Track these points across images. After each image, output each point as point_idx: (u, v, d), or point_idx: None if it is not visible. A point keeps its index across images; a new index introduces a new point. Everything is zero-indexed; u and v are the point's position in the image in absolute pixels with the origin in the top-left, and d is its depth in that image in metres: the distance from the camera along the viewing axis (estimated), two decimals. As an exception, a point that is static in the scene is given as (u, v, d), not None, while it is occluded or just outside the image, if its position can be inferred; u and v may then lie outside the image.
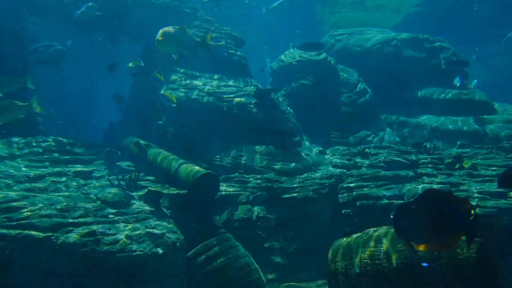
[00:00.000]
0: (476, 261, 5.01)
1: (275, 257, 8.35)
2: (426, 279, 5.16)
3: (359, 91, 13.73)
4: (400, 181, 8.86)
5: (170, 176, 8.53)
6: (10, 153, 9.24)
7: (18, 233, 5.93)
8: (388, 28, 18.66)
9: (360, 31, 16.29)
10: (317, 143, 12.18)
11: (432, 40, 14.65)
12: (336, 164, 10.41)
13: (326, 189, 9.09)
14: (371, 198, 8.40)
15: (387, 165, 9.69)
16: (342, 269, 5.84)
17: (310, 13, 22.50)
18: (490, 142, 11.24)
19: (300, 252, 8.48)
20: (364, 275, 5.57)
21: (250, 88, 11.66)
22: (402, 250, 5.37)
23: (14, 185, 7.78)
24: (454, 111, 12.66)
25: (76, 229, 6.23)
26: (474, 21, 20.60)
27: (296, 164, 10.06)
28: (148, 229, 6.64)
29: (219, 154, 10.16)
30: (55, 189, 8.05)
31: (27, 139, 9.86)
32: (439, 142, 11.86)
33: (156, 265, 6.32)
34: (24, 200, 6.75)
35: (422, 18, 21.46)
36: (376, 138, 12.68)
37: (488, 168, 9.30)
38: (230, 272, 7.10)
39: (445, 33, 17.34)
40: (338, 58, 14.81)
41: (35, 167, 8.84)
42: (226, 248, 7.36)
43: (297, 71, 13.63)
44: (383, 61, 14.56)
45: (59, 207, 6.67)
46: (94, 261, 5.96)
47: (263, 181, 9.15)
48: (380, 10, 21.46)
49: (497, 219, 7.21)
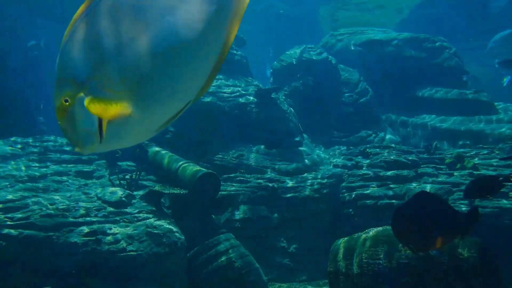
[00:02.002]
0: (477, 261, 5.01)
1: (276, 256, 8.35)
2: (426, 279, 5.16)
3: (360, 90, 13.74)
4: (401, 181, 8.86)
5: (171, 176, 8.53)
6: (11, 153, 9.25)
7: (19, 232, 5.94)
8: (389, 27, 18.64)
9: (361, 30, 16.28)
10: (318, 142, 12.18)
11: (433, 40, 14.63)
12: (337, 164, 10.41)
13: (327, 189, 9.09)
14: (372, 197, 8.40)
15: (388, 165, 9.68)
16: (343, 268, 5.84)
17: (313, 13, 22.53)
18: (491, 142, 11.22)
19: (301, 251, 8.49)
20: (365, 274, 5.57)
21: (251, 88, 11.66)
22: (403, 250, 5.36)
23: (15, 185, 7.79)
24: (456, 111, 12.64)
25: (77, 228, 6.24)
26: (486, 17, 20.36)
27: (297, 164, 10.06)
28: (149, 228, 6.65)
29: (220, 153, 10.17)
30: (56, 188, 8.06)
31: (28, 139, 9.88)
32: (440, 142, 11.86)
33: (157, 265, 6.33)
34: (25, 199, 6.76)
35: (423, 17, 21.42)
36: (377, 138, 12.69)
37: (489, 168, 9.28)
38: (231, 272, 7.11)
39: (445, 32, 17.29)
40: (339, 57, 14.80)
41: (36, 167, 8.85)
42: (227, 248, 7.37)
43: (298, 70, 13.63)
44: (384, 61, 14.55)
45: (60, 206, 6.68)
46: (95, 260, 5.98)
47: (264, 181, 9.16)
48: (381, 9, 21.44)
49: (498, 219, 7.21)
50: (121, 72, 1.53)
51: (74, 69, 1.56)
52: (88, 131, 1.62)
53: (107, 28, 1.52)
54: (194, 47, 1.55)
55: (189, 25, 1.54)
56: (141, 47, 1.51)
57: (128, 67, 1.53)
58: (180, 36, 1.53)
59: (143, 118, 1.61)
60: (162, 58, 1.54)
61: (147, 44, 1.52)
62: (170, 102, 1.62)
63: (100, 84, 1.55)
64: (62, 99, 1.61)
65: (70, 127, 1.65)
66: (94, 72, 1.55)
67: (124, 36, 1.52)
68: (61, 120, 1.66)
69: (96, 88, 1.56)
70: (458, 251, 5.09)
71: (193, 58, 1.56)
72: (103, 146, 1.69)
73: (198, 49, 1.56)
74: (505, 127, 11.54)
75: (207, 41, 1.56)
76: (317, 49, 14.27)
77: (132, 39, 1.52)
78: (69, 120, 1.63)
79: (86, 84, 1.57)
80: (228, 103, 10.87)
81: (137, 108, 1.57)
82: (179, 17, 1.53)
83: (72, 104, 1.60)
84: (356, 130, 12.87)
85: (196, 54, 1.57)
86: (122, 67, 1.53)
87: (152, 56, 1.53)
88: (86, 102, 1.57)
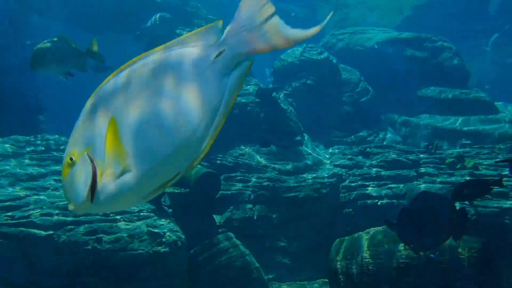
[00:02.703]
0: (478, 261, 5.01)
1: (276, 256, 8.36)
2: (427, 278, 5.17)
3: (360, 90, 13.74)
4: (402, 181, 8.86)
5: (172, 175, 8.53)
6: (12, 151, 9.25)
7: (20, 231, 5.95)
8: (389, 27, 18.62)
9: (362, 30, 16.27)
10: (319, 142, 12.18)
11: (434, 40, 14.62)
12: (338, 164, 10.41)
13: (327, 189, 9.10)
14: (372, 197, 8.41)
15: (389, 165, 9.69)
16: (343, 268, 5.84)
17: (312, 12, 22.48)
18: (492, 142, 11.22)
19: (301, 251, 8.49)
20: (365, 274, 5.58)
21: (252, 88, 11.66)
22: (403, 250, 5.37)
23: (16, 184, 7.80)
24: (456, 110, 12.64)
25: (78, 227, 6.25)
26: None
27: (297, 163, 10.07)
28: (149, 227, 6.66)
29: (220, 153, 10.17)
30: (57, 187, 8.07)
31: (29, 138, 9.87)
32: (441, 142, 11.85)
33: (157, 264, 6.34)
34: (25, 198, 6.77)
35: (424, 15, 21.39)
36: (378, 138, 12.69)
37: (490, 168, 9.29)
38: (231, 271, 7.12)
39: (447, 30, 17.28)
40: (340, 57, 14.79)
41: (36, 166, 8.86)
42: (227, 247, 7.38)
43: (298, 70, 13.62)
44: (385, 61, 14.53)
45: (61, 205, 6.69)
46: (96, 259, 5.98)
47: (264, 180, 9.17)
48: (381, 9, 21.42)
49: (498, 219, 7.21)
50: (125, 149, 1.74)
51: (86, 135, 1.79)
52: (83, 190, 1.76)
53: (121, 108, 1.75)
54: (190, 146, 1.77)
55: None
56: (149, 140, 1.73)
57: (130, 145, 1.73)
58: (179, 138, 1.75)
59: (135, 186, 1.76)
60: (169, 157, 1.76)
61: (153, 140, 1.74)
62: (161, 175, 1.79)
63: (102, 151, 1.75)
64: (68, 157, 1.79)
65: (69, 184, 1.81)
66: (99, 143, 1.76)
67: (132, 123, 1.73)
68: (63, 177, 1.83)
69: (98, 153, 1.76)
70: (458, 251, 5.10)
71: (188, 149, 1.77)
72: (95, 208, 1.82)
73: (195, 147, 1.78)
74: (505, 126, 11.55)
75: (200, 139, 1.79)
76: (317, 49, 14.25)
77: (140, 129, 1.74)
78: (69, 177, 1.80)
79: (90, 148, 1.78)
80: (229, 103, 10.87)
81: (130, 178, 1.74)
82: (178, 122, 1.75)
83: (75, 162, 1.78)
84: (357, 129, 12.88)
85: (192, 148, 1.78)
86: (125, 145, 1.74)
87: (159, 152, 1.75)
88: (85, 162, 1.76)
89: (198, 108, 1.77)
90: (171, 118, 1.73)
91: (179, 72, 1.76)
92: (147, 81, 1.76)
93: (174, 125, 1.73)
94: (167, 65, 1.77)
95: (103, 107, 1.77)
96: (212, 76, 1.77)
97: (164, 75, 1.76)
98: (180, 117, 1.74)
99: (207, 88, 1.77)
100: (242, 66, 1.77)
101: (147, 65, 1.78)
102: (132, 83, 1.77)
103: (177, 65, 1.77)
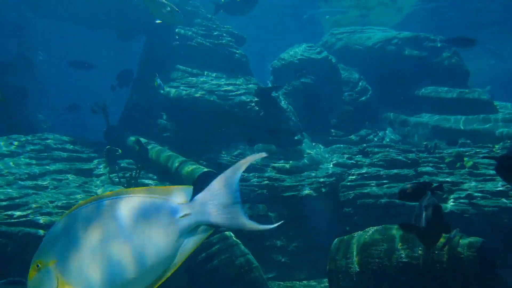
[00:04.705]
0: (477, 261, 5.01)
1: (275, 255, 8.36)
2: (426, 278, 5.17)
3: (360, 89, 13.74)
4: (401, 180, 8.86)
5: (171, 174, 8.53)
6: (11, 150, 9.24)
7: (19, 230, 5.95)
8: (389, 26, 18.62)
9: (361, 29, 16.26)
10: (318, 141, 12.18)
11: (433, 39, 14.62)
12: (337, 163, 10.40)
13: (327, 188, 9.10)
14: (372, 196, 8.42)
15: (388, 164, 9.69)
16: (342, 267, 5.85)
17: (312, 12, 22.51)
18: (491, 141, 11.23)
19: (300, 250, 8.49)
20: (365, 273, 5.58)
21: (251, 87, 11.65)
22: (403, 249, 5.37)
23: (15, 183, 7.79)
24: (456, 109, 12.65)
25: (77, 226, 6.24)
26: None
27: (297, 163, 10.07)
28: (148, 227, 6.65)
29: (220, 152, 10.17)
30: (56, 186, 8.06)
31: (28, 137, 9.86)
32: (440, 141, 11.86)
33: (157, 263, 6.32)
34: (25, 197, 6.76)
35: (424, 15, 21.40)
36: (377, 137, 12.70)
37: (489, 167, 9.29)
38: (231, 270, 7.11)
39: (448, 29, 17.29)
40: (339, 56, 14.79)
41: (36, 165, 8.85)
42: (226, 246, 7.37)
43: (298, 69, 13.61)
44: (384, 60, 14.54)
45: (60, 204, 6.68)
46: (95, 258, 5.98)
47: (264, 180, 9.16)
48: (381, 8, 21.42)
49: (497, 218, 7.22)
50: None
51: (54, 248, 1.95)
52: None
53: (88, 234, 1.91)
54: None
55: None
56: (110, 261, 1.87)
57: (90, 262, 1.88)
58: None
59: None
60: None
61: (117, 261, 1.89)
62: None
63: (67, 266, 1.90)
64: (36, 263, 1.96)
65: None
66: (65, 257, 1.92)
67: (97, 246, 1.89)
68: (29, 280, 1.97)
69: (62, 267, 1.91)
70: (457, 251, 5.10)
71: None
72: None
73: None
74: (504, 126, 11.57)
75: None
76: (317, 48, 14.26)
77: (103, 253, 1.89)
78: (34, 282, 1.94)
79: (57, 260, 1.94)
80: (228, 102, 10.85)
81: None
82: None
83: (41, 269, 1.94)
84: (356, 129, 12.89)
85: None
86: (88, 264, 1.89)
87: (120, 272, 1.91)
88: (49, 273, 1.91)
89: (149, 256, 1.91)
90: (122, 259, 1.88)
91: (145, 218, 1.91)
92: (107, 221, 1.90)
93: (122, 266, 1.88)
94: (138, 208, 1.92)
95: (64, 235, 1.94)
96: (172, 232, 1.93)
97: (133, 217, 1.90)
98: (130, 260, 1.88)
99: (163, 241, 1.91)
100: (201, 233, 1.95)
101: (114, 206, 1.92)
102: (93, 221, 1.91)
103: (144, 211, 1.92)
